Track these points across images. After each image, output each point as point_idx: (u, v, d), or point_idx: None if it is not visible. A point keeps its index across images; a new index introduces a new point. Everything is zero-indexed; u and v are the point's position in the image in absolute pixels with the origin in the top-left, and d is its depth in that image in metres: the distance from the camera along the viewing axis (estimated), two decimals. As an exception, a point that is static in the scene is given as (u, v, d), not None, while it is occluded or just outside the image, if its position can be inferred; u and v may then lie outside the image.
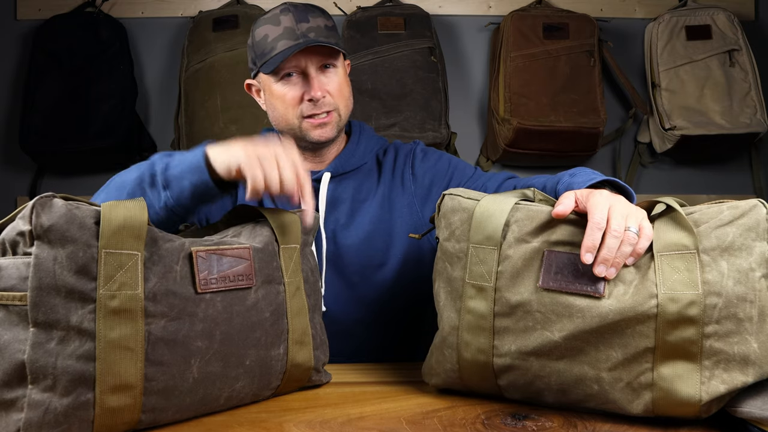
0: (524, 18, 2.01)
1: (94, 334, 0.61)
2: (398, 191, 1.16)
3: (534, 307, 0.72)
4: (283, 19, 1.06)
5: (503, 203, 0.76)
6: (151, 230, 0.67)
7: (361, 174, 1.16)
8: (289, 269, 0.80)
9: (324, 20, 1.08)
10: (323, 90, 1.07)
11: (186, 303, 0.67)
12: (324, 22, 1.08)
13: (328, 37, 1.06)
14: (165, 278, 0.66)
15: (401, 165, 1.19)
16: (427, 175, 1.17)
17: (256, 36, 1.09)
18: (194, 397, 0.69)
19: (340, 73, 1.11)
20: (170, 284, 0.66)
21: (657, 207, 0.75)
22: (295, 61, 1.06)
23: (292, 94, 1.08)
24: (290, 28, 1.05)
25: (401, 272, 1.13)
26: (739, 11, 2.12)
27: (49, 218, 0.59)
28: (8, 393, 0.58)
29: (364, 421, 0.71)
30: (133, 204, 0.65)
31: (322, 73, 1.08)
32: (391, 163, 1.19)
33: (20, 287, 0.59)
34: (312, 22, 1.06)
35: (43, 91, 1.95)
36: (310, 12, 1.07)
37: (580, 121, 1.94)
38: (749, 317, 0.65)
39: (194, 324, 0.68)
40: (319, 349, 0.84)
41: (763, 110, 1.98)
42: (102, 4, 2.07)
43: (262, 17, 1.10)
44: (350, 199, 1.14)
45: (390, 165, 1.19)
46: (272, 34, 1.06)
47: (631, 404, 0.69)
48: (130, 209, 0.64)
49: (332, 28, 1.09)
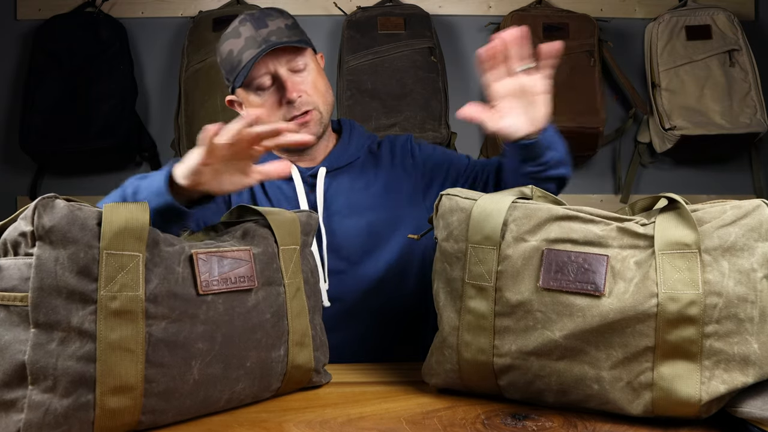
0: (524, 18, 2.01)
1: (94, 336, 0.61)
2: (401, 176, 1.18)
3: (535, 306, 0.72)
4: (243, 30, 1.06)
5: (501, 202, 0.76)
6: (153, 232, 0.67)
7: (356, 168, 1.17)
8: (289, 270, 0.80)
9: (283, 20, 1.08)
10: (298, 90, 1.07)
11: (187, 305, 0.67)
12: (284, 22, 1.08)
13: (290, 36, 1.06)
14: (166, 280, 0.66)
15: (400, 153, 1.20)
16: (427, 163, 1.20)
17: (222, 53, 1.10)
18: (195, 399, 0.69)
19: (312, 68, 1.10)
20: (171, 286, 0.66)
21: (660, 202, 0.75)
22: (264, 68, 1.06)
23: (270, 101, 1.08)
24: (251, 36, 1.06)
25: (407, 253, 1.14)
26: (739, 11, 2.12)
27: (51, 219, 0.59)
28: (8, 393, 0.58)
29: (364, 421, 0.71)
30: (135, 206, 0.65)
31: (294, 74, 1.08)
32: (389, 152, 1.20)
33: (21, 288, 0.59)
34: (271, 26, 1.06)
35: (43, 91, 1.95)
36: (267, 16, 1.08)
37: (580, 121, 1.94)
38: (750, 317, 0.65)
39: (195, 326, 0.68)
40: (319, 350, 0.84)
41: (763, 110, 1.98)
42: (102, 4, 2.07)
43: (223, 34, 1.10)
44: (347, 191, 1.14)
45: (388, 154, 1.20)
46: (236, 47, 1.07)
47: (631, 404, 0.69)
48: (131, 211, 0.64)
49: (293, 26, 1.09)
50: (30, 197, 2.13)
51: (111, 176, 2.15)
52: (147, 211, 0.65)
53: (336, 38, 2.14)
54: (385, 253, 1.13)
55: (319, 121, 1.11)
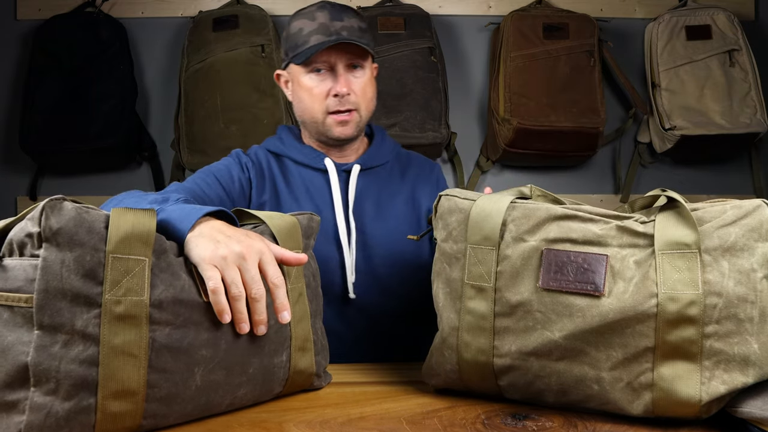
0: (524, 18, 2.01)
1: (98, 339, 0.60)
2: (424, 195, 1.23)
3: (534, 306, 0.72)
4: (319, 15, 1.10)
5: (499, 202, 0.76)
6: (160, 239, 0.67)
7: (385, 171, 1.22)
8: (291, 275, 0.79)
9: (358, 21, 1.12)
10: (349, 87, 1.11)
11: (192, 312, 0.67)
12: (358, 24, 1.12)
13: (360, 38, 1.11)
14: (172, 286, 0.66)
15: (427, 175, 1.26)
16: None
17: (292, 29, 1.13)
18: (196, 404, 0.68)
19: (366, 74, 1.15)
20: (177, 292, 0.66)
21: (660, 200, 0.75)
22: (325, 56, 1.10)
23: (320, 89, 1.12)
24: (325, 24, 1.09)
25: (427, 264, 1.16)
26: (739, 11, 2.12)
27: (59, 221, 0.59)
28: (10, 395, 0.58)
29: (364, 421, 0.71)
30: (143, 212, 0.65)
31: (350, 72, 1.13)
32: (417, 168, 1.26)
33: (26, 289, 0.58)
34: (346, 22, 1.10)
35: (43, 91, 1.95)
36: (345, 12, 1.12)
37: (580, 121, 1.94)
38: (750, 318, 0.65)
39: (200, 333, 0.67)
40: (320, 355, 0.84)
41: (763, 110, 1.98)
42: (102, 4, 2.07)
43: (298, 12, 1.15)
44: (377, 193, 1.19)
45: (415, 170, 1.26)
46: (307, 28, 1.10)
47: (631, 405, 0.69)
48: (138, 216, 0.64)
49: (365, 30, 1.14)
50: (30, 197, 2.13)
51: (111, 176, 2.15)
52: (154, 219, 0.65)
53: (336, 38, 2.14)
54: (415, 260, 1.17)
55: (358, 123, 1.15)
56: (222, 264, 0.68)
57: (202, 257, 0.68)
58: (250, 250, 0.69)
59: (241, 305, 0.68)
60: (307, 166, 1.18)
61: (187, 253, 0.70)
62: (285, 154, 1.20)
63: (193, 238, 0.70)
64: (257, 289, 0.69)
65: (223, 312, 0.67)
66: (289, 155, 1.19)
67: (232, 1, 2.10)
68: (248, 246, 0.70)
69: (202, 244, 0.69)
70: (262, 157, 1.19)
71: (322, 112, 1.13)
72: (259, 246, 0.71)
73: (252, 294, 0.69)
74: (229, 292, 0.67)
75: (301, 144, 1.21)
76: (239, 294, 0.68)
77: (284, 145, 1.20)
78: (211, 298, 0.67)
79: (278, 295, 0.71)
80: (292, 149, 1.20)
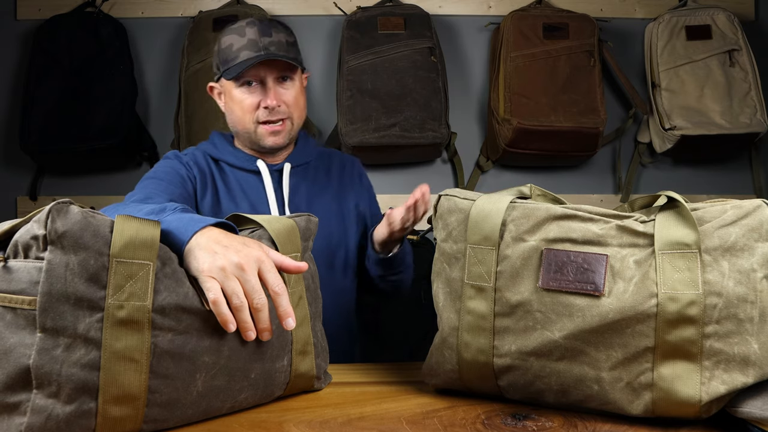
0: (524, 18, 2.01)
1: (100, 344, 0.60)
2: (348, 189, 1.32)
3: (534, 306, 0.72)
4: (248, 32, 1.16)
5: (499, 202, 0.76)
6: (164, 248, 0.67)
7: (311, 168, 1.31)
8: (291, 279, 0.79)
9: (286, 36, 1.18)
10: (279, 100, 1.19)
11: (195, 319, 0.67)
12: (286, 38, 1.18)
13: (287, 52, 1.17)
14: (175, 293, 0.66)
15: (350, 170, 1.36)
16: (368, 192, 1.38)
17: (222, 44, 1.19)
18: (197, 409, 0.68)
19: (296, 85, 1.22)
20: (181, 299, 0.66)
21: (660, 200, 0.75)
22: (255, 71, 1.16)
23: (250, 101, 1.19)
24: (254, 40, 1.15)
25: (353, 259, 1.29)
26: (739, 11, 2.12)
27: (65, 224, 0.59)
28: (11, 396, 0.58)
29: (364, 421, 0.71)
30: (147, 220, 0.65)
31: (280, 85, 1.19)
32: (339, 165, 1.35)
33: (30, 291, 0.58)
34: (274, 37, 1.16)
35: (43, 91, 1.95)
36: (273, 27, 1.18)
37: (580, 121, 1.94)
38: (750, 318, 0.65)
39: (202, 339, 0.67)
40: (320, 357, 0.84)
41: (763, 110, 1.98)
42: (102, 4, 2.07)
43: (229, 27, 1.20)
44: (307, 190, 1.27)
45: (338, 166, 1.35)
46: (237, 44, 1.16)
47: (631, 405, 0.69)
48: (143, 222, 0.64)
49: (293, 44, 1.21)
50: (30, 197, 2.13)
51: (111, 176, 2.15)
52: (158, 228, 0.65)
53: (336, 38, 2.14)
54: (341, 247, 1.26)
55: (290, 131, 1.23)
56: (221, 275, 0.67)
57: (200, 269, 0.68)
58: (248, 259, 0.69)
59: (244, 315, 0.68)
60: (241, 169, 1.24)
61: (186, 266, 0.69)
62: (219, 158, 1.25)
63: (191, 249, 0.70)
64: (259, 299, 0.68)
65: (227, 322, 0.67)
66: (224, 159, 1.25)
67: (232, 1, 2.10)
68: (246, 255, 0.69)
69: (200, 256, 0.69)
70: (200, 158, 1.25)
71: (253, 122, 1.20)
72: (258, 254, 0.71)
73: (254, 304, 0.68)
74: (230, 303, 0.67)
75: (234, 148, 1.27)
76: (241, 304, 0.67)
77: (218, 150, 1.26)
78: (213, 309, 0.66)
79: (281, 303, 0.70)
80: (225, 153, 1.26)
